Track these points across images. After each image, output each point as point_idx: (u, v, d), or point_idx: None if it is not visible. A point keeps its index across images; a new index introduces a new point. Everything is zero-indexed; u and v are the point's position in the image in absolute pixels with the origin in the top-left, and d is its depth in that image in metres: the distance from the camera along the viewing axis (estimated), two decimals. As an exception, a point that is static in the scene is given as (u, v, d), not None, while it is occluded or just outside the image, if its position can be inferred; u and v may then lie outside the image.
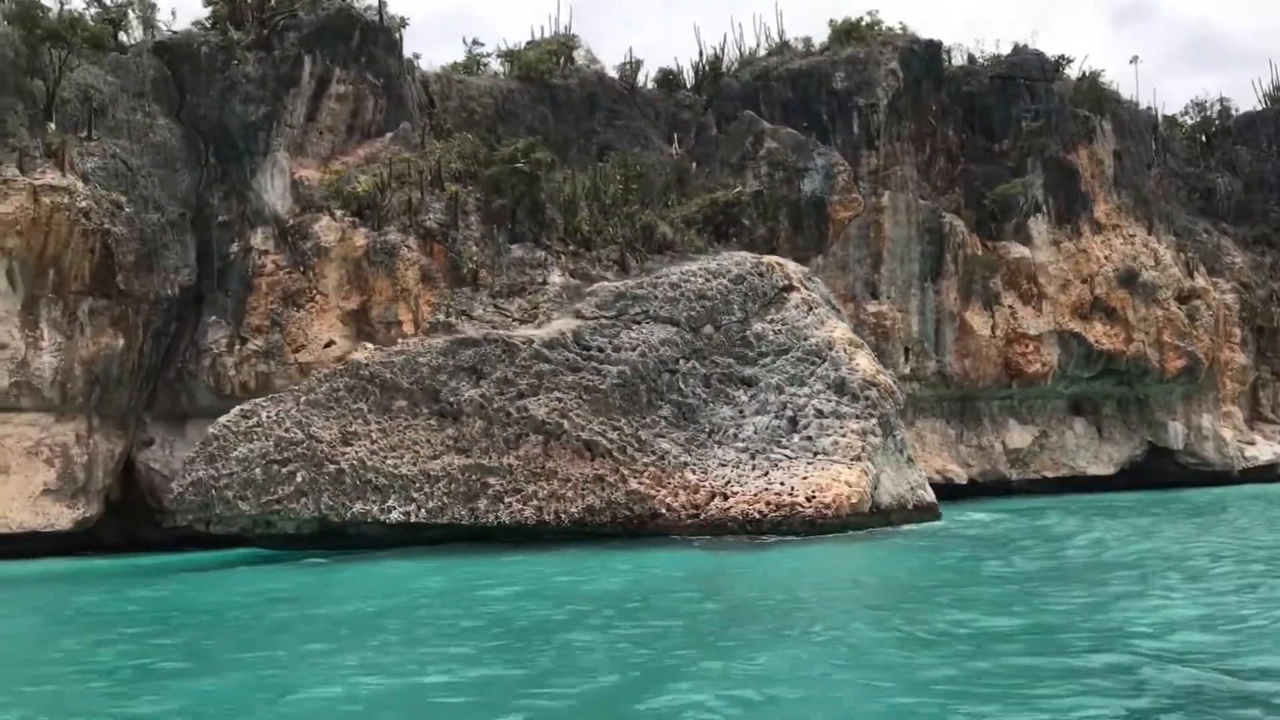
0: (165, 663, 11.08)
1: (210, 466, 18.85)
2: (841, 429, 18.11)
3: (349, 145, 33.43)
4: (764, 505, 17.42)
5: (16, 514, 27.39)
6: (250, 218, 31.57)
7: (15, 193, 27.30)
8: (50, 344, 28.14)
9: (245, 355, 30.07)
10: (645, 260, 34.45)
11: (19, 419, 28.01)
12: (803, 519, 17.41)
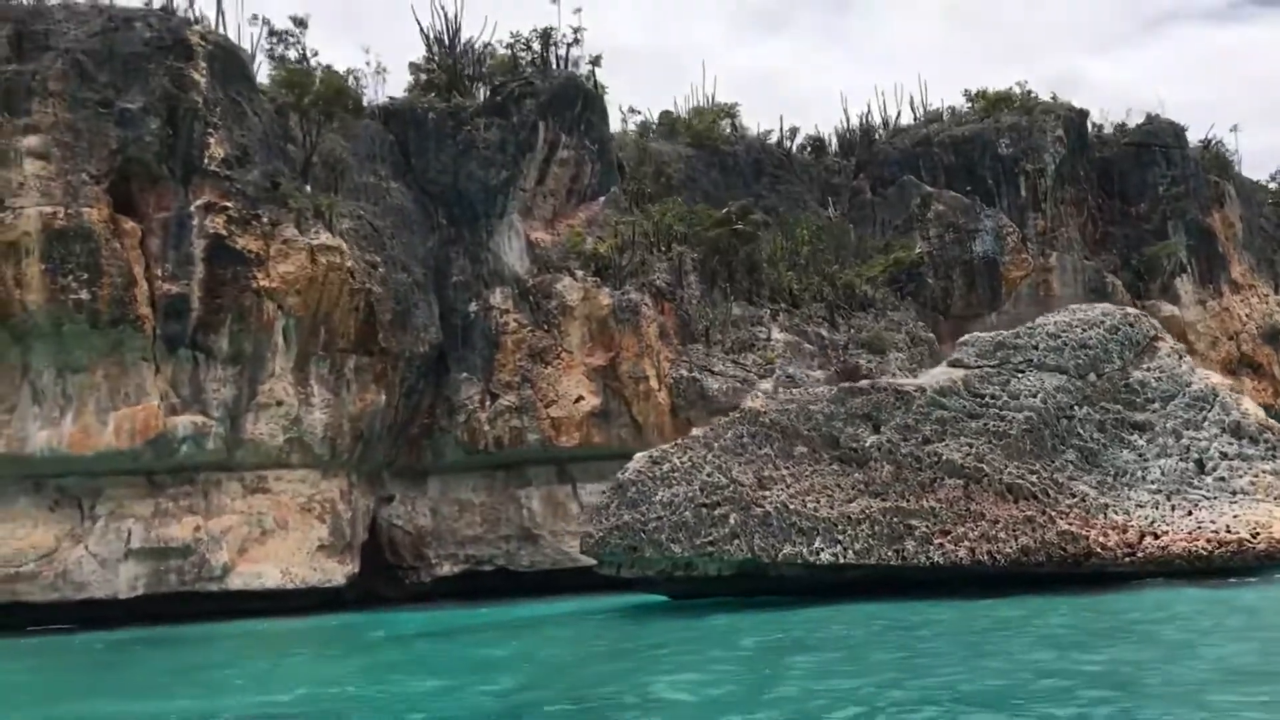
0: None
1: (634, 511, 19.36)
2: (1251, 469, 19.04)
3: (568, 208, 34.37)
4: (1205, 542, 18.20)
5: (298, 569, 27.56)
6: (487, 278, 32.31)
7: (295, 252, 27.90)
8: (320, 400, 28.57)
9: (499, 411, 30.61)
10: (850, 317, 35.67)
11: (291, 475, 28.29)
12: (1255, 554, 18.21)
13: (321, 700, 12.47)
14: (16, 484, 26.30)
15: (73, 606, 25.68)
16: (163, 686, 14.94)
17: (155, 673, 17.04)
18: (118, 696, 14.29)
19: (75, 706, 13.61)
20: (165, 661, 18.83)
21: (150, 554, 26.29)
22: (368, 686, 13.40)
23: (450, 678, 13.73)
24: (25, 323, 25.14)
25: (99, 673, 18.16)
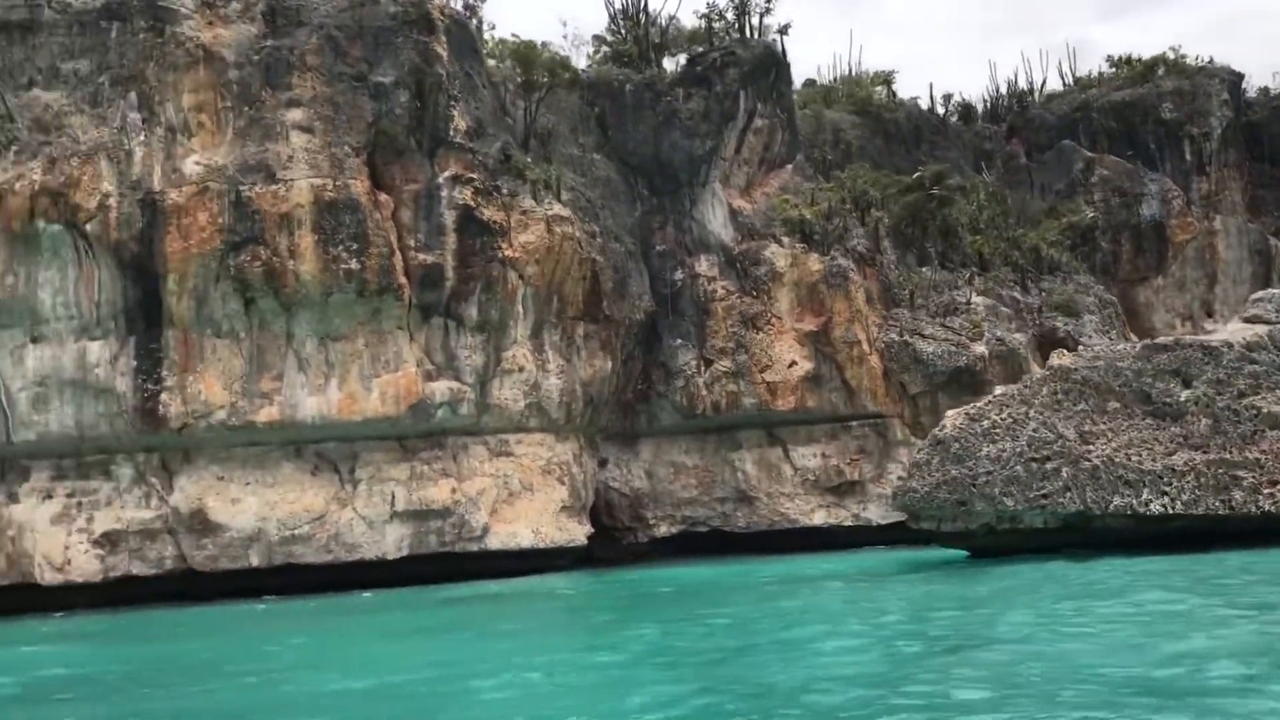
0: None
1: (960, 466, 19.99)
2: None
3: (759, 176, 34.85)
4: None
5: (546, 529, 28.34)
6: (690, 246, 32.86)
7: (534, 223, 28.49)
8: (555, 367, 29.24)
9: (716, 376, 31.25)
10: (1039, 280, 36.06)
11: (530, 439, 29.01)
12: None
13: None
14: (279, 450, 27.10)
15: (343, 568, 26.52)
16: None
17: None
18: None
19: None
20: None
21: (412, 516, 27.08)
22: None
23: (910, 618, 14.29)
24: (297, 292, 25.83)
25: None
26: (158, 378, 25.48)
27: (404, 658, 14.38)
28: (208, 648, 17.41)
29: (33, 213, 24.60)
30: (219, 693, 12.34)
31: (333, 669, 13.37)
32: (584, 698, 10.29)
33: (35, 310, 25.05)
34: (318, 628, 19.78)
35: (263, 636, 18.66)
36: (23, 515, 25.64)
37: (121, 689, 13.28)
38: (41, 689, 13.81)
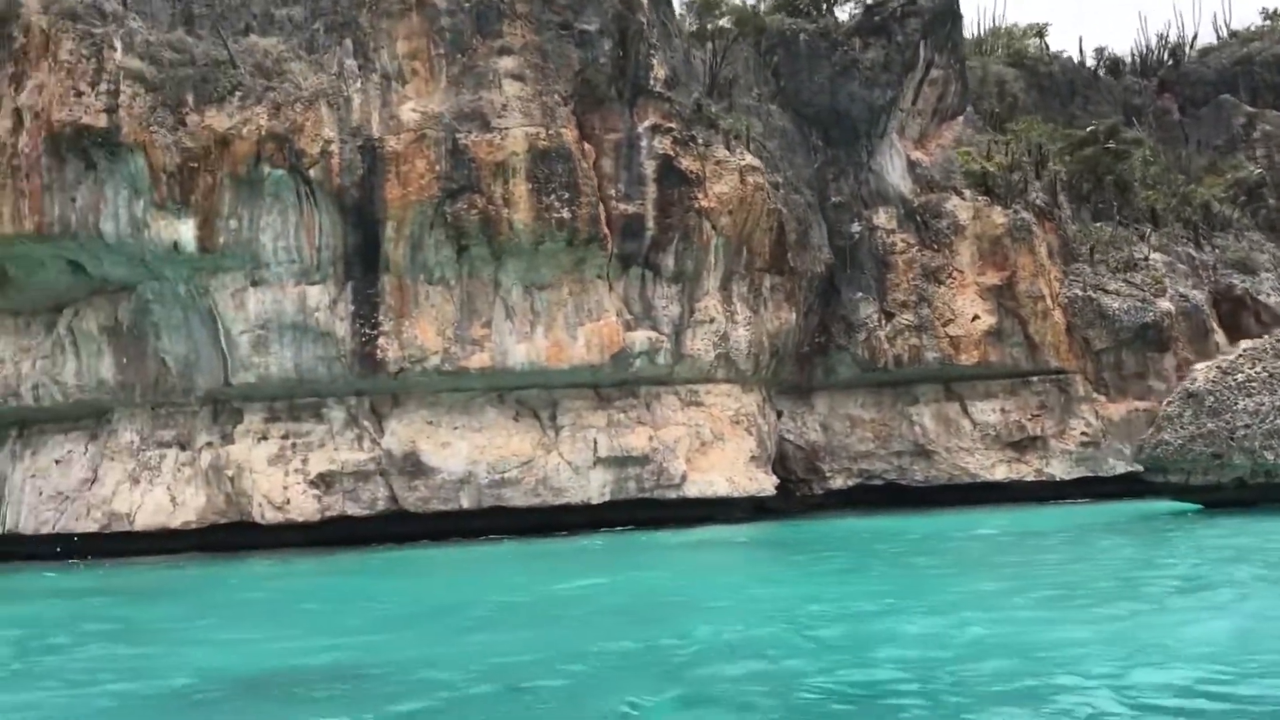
0: None
1: (1216, 420, 19.93)
2: None
3: (932, 127, 34.51)
4: None
5: (738, 479, 28.58)
6: (867, 198, 32.68)
7: (728, 173, 28.46)
8: (743, 318, 29.33)
9: (898, 329, 31.19)
10: (1211, 237, 35.50)
11: (717, 390, 29.19)
12: None
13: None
14: (483, 396, 27.52)
15: (548, 511, 26.94)
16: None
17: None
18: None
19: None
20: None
21: (614, 462, 27.42)
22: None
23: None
24: (510, 241, 26.07)
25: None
26: (375, 323, 25.89)
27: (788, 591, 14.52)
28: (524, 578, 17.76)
29: (258, 157, 24.95)
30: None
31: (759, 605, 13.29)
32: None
33: (256, 255, 25.50)
34: (652, 562, 20.00)
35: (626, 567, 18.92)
36: (240, 456, 26.29)
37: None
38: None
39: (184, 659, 11.01)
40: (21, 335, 28.64)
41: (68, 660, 11.65)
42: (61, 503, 27.83)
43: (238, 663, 10.60)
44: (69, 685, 9.94)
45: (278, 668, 10.29)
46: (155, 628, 13.96)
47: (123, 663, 11.02)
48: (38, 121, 24.38)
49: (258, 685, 9.56)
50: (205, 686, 9.53)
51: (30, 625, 14.80)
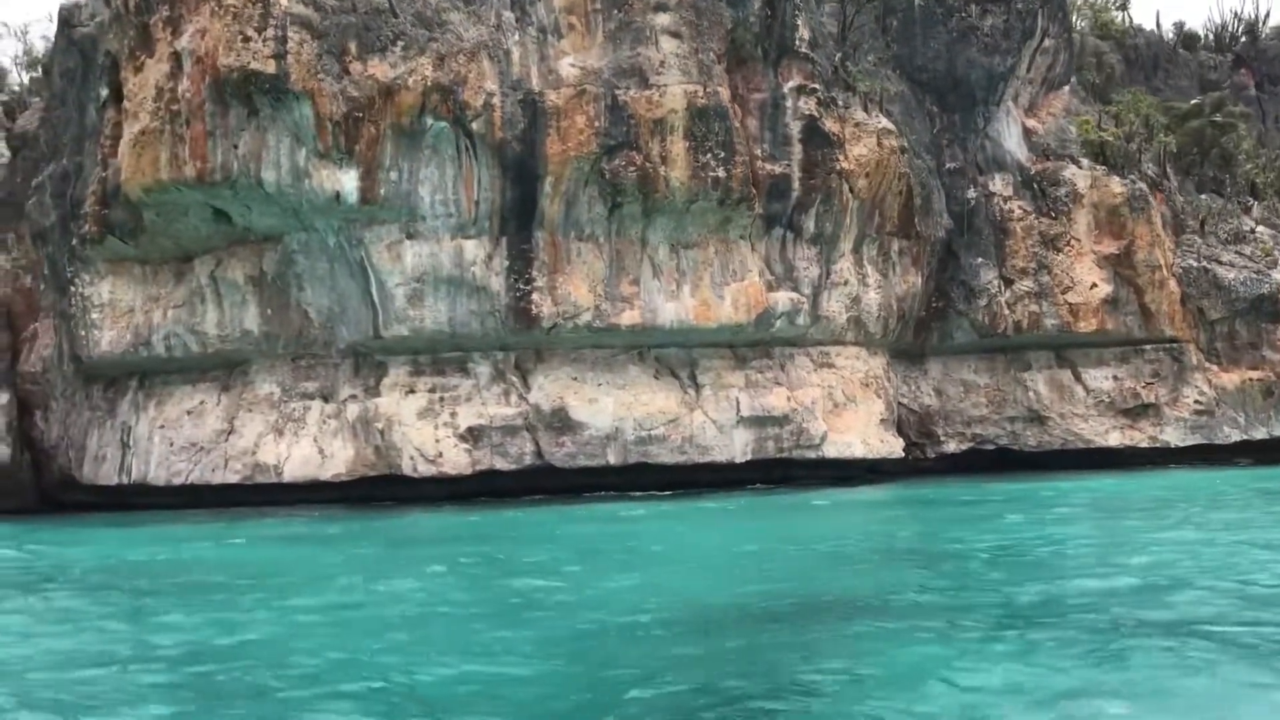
0: None
1: None
2: None
3: (1041, 96, 34.68)
4: None
5: (871, 441, 28.86)
6: (982, 165, 32.85)
7: (866, 136, 28.56)
8: (873, 282, 29.53)
9: (1018, 295, 31.47)
10: (1309, 211, 35.98)
11: (847, 352, 29.43)
12: None
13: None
14: (624, 354, 27.58)
15: (692, 469, 27.11)
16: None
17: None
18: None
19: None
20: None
21: (755, 422, 27.61)
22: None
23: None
24: (665, 198, 26.03)
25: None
26: (529, 278, 25.83)
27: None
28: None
29: (422, 109, 24.72)
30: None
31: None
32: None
33: (414, 207, 25.30)
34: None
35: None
36: (389, 409, 26.22)
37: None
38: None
39: (655, 590, 11.36)
40: (149, 284, 28.34)
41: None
42: (195, 454, 27.68)
43: (720, 593, 10.93)
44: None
45: (765, 594, 10.76)
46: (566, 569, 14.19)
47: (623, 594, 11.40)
48: (200, 66, 24.02)
49: (794, 609, 9.89)
50: (726, 610, 9.82)
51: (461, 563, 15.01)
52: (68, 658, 9.64)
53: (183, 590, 13.51)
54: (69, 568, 16.68)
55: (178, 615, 11.43)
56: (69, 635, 10.78)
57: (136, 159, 24.86)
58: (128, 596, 13.34)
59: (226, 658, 9.26)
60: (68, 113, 30.31)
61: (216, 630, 10.39)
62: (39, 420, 31.37)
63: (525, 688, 7.98)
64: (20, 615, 12.22)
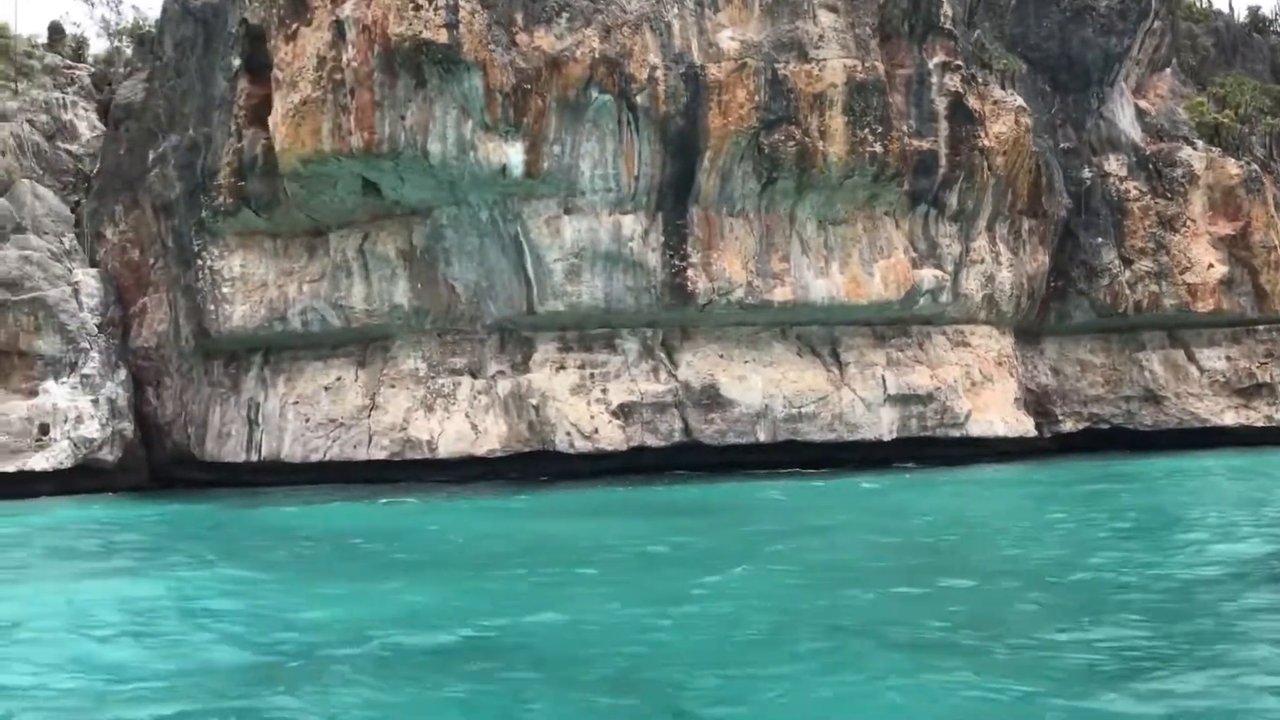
0: None
1: None
2: None
3: (1147, 77, 34.82)
4: None
5: (1009, 419, 28.94)
6: (1095, 145, 32.94)
7: (1005, 113, 28.52)
8: (1006, 260, 29.57)
9: (1139, 275, 31.63)
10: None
11: (980, 331, 29.50)
12: None
13: None
14: (768, 331, 27.49)
15: (838, 446, 27.08)
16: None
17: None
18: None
19: None
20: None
21: (899, 400, 27.62)
22: None
23: None
24: (820, 174, 25.91)
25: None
26: (684, 254, 25.66)
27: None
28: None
29: (589, 81, 24.43)
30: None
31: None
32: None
33: (574, 182, 25.04)
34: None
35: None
36: (541, 385, 25.99)
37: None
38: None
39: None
40: (281, 258, 27.91)
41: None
42: (334, 430, 27.34)
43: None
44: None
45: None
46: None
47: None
48: (367, 35, 23.57)
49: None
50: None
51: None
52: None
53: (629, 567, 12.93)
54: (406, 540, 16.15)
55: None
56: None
57: (295, 130, 24.39)
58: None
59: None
60: (186, 83, 29.69)
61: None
62: (151, 397, 30.87)
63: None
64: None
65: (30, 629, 9.85)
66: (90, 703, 7.50)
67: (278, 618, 9.95)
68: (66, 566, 14.47)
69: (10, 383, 28.80)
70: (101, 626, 9.79)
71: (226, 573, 13.09)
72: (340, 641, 8.83)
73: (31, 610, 10.66)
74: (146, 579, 12.80)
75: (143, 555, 15.65)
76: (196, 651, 8.72)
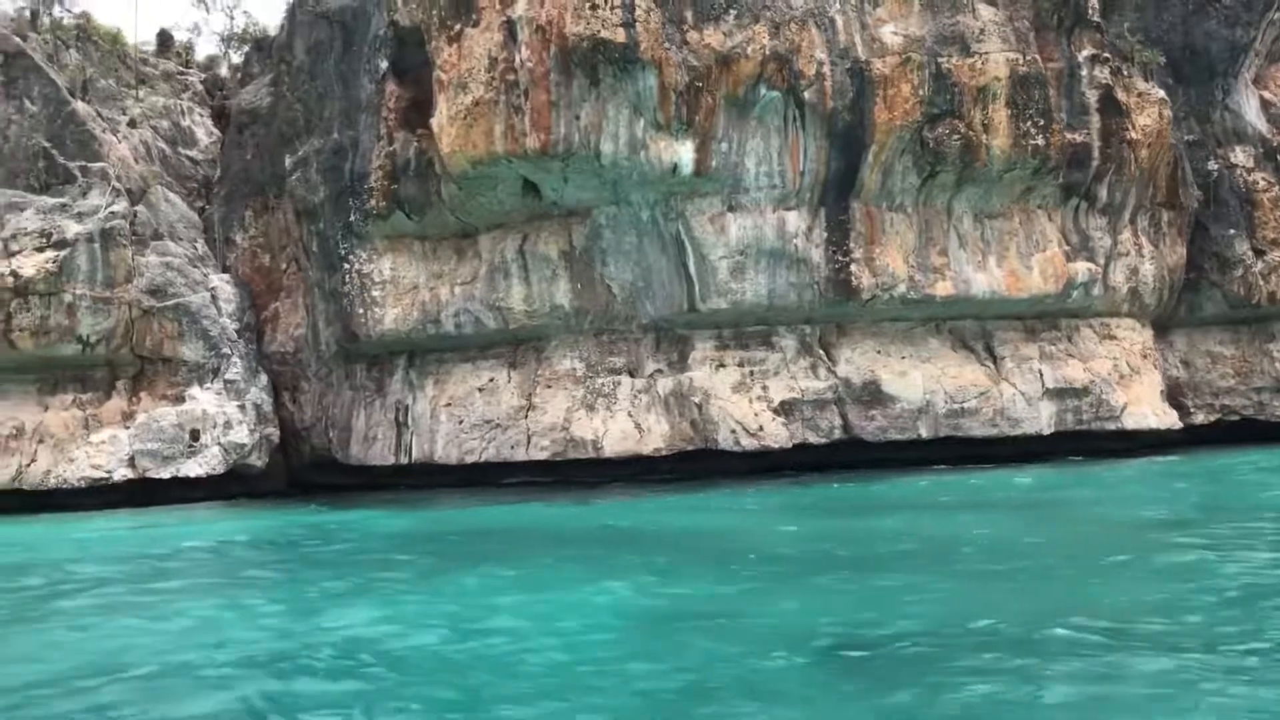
0: None
1: None
2: None
3: (1266, 68, 34.76)
4: None
5: (1158, 412, 28.86)
6: (1220, 136, 32.87)
7: (1149, 105, 28.44)
8: (1148, 253, 29.51)
9: (1272, 266, 31.55)
10: None
11: (1123, 324, 29.42)
12: None
13: None
14: (922, 327, 27.46)
15: (998, 442, 27.01)
16: None
17: None
18: None
19: None
20: None
21: (1056, 394, 27.56)
22: None
23: None
24: (982, 168, 25.85)
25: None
26: (846, 249, 25.63)
27: None
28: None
29: (759, 78, 24.40)
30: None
31: None
32: None
33: (739, 179, 25.02)
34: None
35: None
36: (703, 383, 25.96)
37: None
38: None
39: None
40: (430, 260, 27.90)
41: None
42: (489, 431, 27.31)
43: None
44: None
45: None
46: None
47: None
48: (542, 35, 23.55)
49: None
50: None
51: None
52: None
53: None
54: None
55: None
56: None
57: (465, 132, 24.35)
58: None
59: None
60: (322, 86, 29.70)
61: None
62: (288, 401, 30.86)
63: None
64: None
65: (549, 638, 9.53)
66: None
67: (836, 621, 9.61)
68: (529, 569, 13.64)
69: (155, 389, 28.82)
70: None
71: (704, 585, 11.72)
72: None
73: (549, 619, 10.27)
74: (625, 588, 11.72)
75: (588, 562, 14.05)
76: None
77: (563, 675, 8.34)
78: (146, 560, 16.51)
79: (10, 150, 28.73)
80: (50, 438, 27.21)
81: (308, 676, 8.64)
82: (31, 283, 26.75)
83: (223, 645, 9.69)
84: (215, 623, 10.96)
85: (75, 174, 28.72)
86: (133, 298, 28.02)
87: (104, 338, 27.57)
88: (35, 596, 13.53)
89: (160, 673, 8.93)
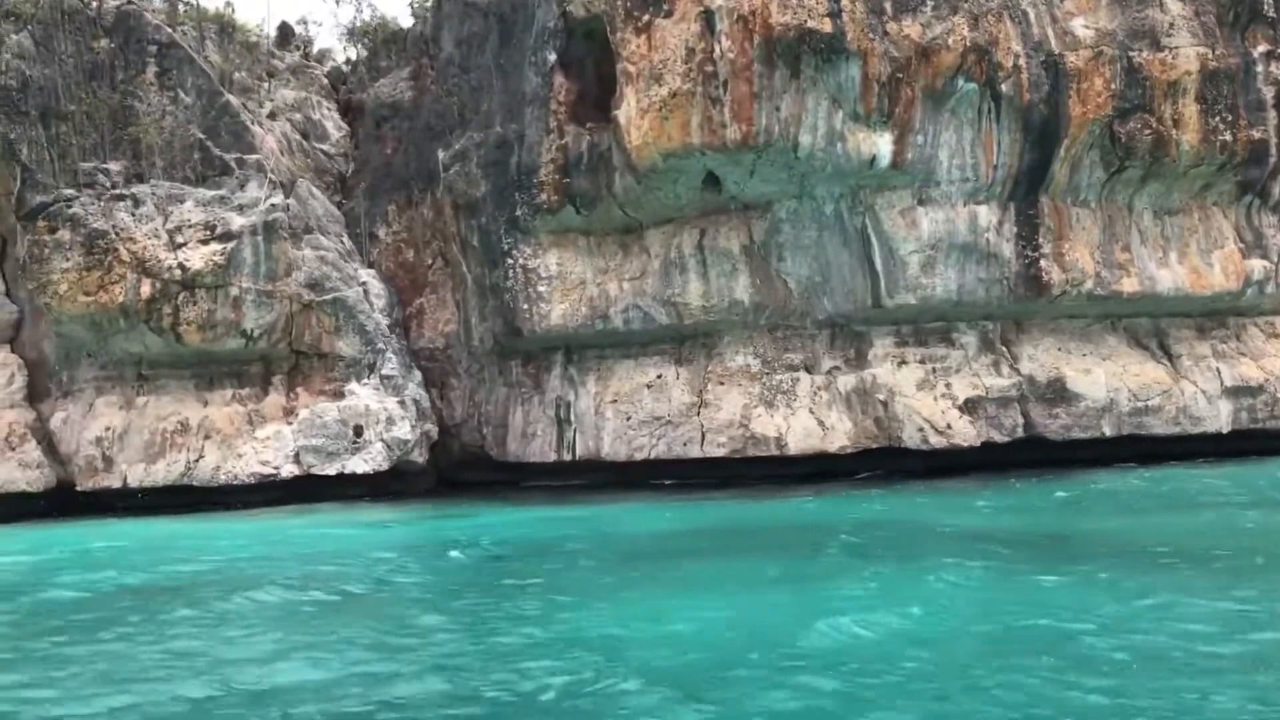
0: None
1: None
2: None
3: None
4: None
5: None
6: None
7: (1318, 102, 28.16)
8: (1302, 251, 29.25)
9: None
10: None
11: None
12: None
13: None
14: (1098, 324, 27.17)
15: (1179, 440, 26.69)
16: None
17: None
18: None
19: None
20: None
21: (1234, 391, 27.24)
22: None
23: None
24: (1171, 163, 25.56)
25: None
26: (1036, 244, 25.33)
27: None
28: None
29: (958, 70, 24.09)
30: None
31: None
32: None
33: (932, 172, 24.69)
34: None
35: None
36: (886, 380, 25.62)
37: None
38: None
39: None
40: (596, 256, 27.53)
41: None
42: (660, 427, 26.93)
43: None
44: None
45: None
46: None
47: None
48: (743, 25, 23.20)
49: None
50: None
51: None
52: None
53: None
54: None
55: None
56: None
57: (660, 124, 23.99)
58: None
59: None
60: (476, 79, 29.38)
61: None
62: (436, 398, 30.46)
63: None
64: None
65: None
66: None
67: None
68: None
69: (312, 385, 28.43)
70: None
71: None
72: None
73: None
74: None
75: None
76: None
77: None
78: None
79: (167, 141, 28.35)
80: (216, 433, 26.81)
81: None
82: (199, 276, 26.39)
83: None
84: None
85: (232, 166, 28.36)
86: (293, 291, 27.66)
87: (265, 332, 27.23)
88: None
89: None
